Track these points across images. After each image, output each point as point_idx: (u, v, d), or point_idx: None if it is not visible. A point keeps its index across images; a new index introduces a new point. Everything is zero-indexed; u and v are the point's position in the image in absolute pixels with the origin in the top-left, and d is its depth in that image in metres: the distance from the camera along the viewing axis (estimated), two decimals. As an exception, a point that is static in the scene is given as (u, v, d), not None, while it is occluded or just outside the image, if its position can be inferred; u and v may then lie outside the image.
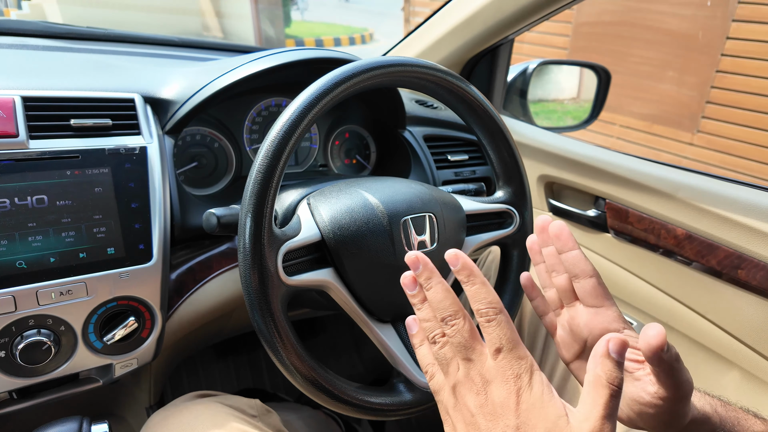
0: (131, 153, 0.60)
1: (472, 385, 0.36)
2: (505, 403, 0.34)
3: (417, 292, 0.41)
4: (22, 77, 0.63)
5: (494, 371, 0.36)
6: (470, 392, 0.37)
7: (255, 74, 0.70)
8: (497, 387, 0.35)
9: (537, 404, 0.34)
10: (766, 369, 0.74)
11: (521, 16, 0.93)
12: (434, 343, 0.39)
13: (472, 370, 0.37)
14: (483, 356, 0.37)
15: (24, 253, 0.53)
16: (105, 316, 0.59)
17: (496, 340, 0.36)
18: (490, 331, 0.36)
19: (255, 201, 0.46)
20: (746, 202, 0.73)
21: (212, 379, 1.27)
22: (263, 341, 0.48)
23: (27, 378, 0.57)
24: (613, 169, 0.89)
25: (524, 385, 0.34)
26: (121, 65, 0.76)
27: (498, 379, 0.35)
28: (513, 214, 0.66)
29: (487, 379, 0.36)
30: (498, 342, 0.35)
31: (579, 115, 4.66)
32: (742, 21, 3.09)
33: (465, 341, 0.37)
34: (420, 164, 0.88)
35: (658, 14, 3.65)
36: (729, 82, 3.23)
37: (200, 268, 0.70)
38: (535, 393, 0.34)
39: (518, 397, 0.34)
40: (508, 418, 0.34)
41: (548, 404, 0.34)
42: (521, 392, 0.34)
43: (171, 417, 0.58)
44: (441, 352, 0.39)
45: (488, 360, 0.36)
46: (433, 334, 0.39)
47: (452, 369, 0.38)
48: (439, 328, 0.39)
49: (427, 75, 0.57)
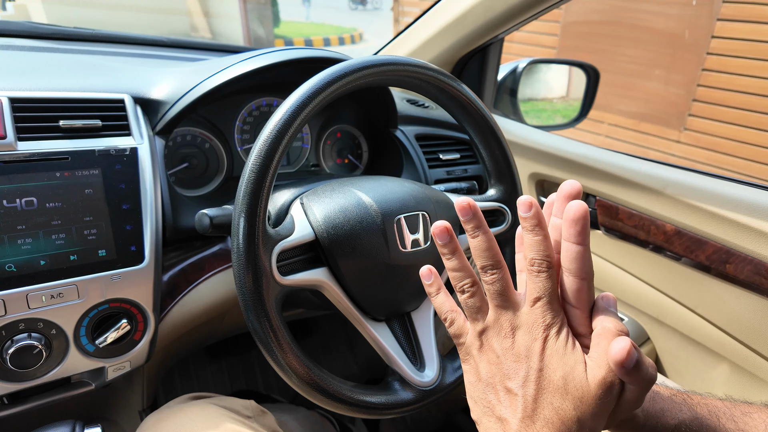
0: (121, 154, 0.59)
1: (500, 330, 0.39)
2: (531, 346, 0.37)
3: (449, 242, 0.41)
4: (9, 78, 0.62)
5: (525, 317, 0.38)
6: (497, 336, 0.39)
7: (246, 74, 0.70)
8: (525, 332, 0.38)
9: (560, 351, 0.36)
10: (755, 362, 0.75)
11: (511, 16, 0.94)
12: (462, 292, 0.41)
13: (503, 316, 0.39)
14: (516, 305, 0.39)
15: (13, 256, 0.53)
16: (97, 318, 0.59)
17: (539, 290, 0.37)
18: (538, 281, 0.37)
19: (248, 201, 0.46)
20: (733, 197, 0.74)
21: (205, 381, 1.27)
22: (258, 342, 0.47)
23: (18, 382, 0.56)
24: (603, 167, 0.90)
25: (552, 334, 0.37)
26: (109, 66, 0.75)
27: (528, 325, 0.38)
28: (505, 212, 0.67)
29: (516, 325, 0.38)
30: (540, 292, 0.37)
31: (568, 113, 4.70)
32: (726, 20, 3.14)
33: (503, 289, 0.39)
34: (412, 163, 0.89)
35: (645, 13, 3.69)
36: (715, 81, 3.28)
37: (192, 269, 0.69)
38: (560, 342, 0.37)
39: (544, 342, 0.37)
40: (533, 360, 0.37)
41: (570, 352, 0.36)
42: (548, 339, 0.37)
43: (165, 419, 0.58)
44: (471, 300, 0.40)
45: (523, 308, 0.38)
46: (463, 283, 0.41)
47: (480, 315, 0.40)
48: (471, 278, 0.41)
49: (418, 74, 0.57)
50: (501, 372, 0.38)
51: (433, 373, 0.57)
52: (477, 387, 0.41)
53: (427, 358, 0.58)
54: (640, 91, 3.81)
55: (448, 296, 0.44)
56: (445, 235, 0.42)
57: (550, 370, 0.36)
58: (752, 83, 3.07)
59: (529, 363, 0.37)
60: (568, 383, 0.35)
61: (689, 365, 0.85)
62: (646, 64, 3.72)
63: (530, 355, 0.37)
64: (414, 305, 0.61)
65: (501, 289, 0.39)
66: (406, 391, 0.55)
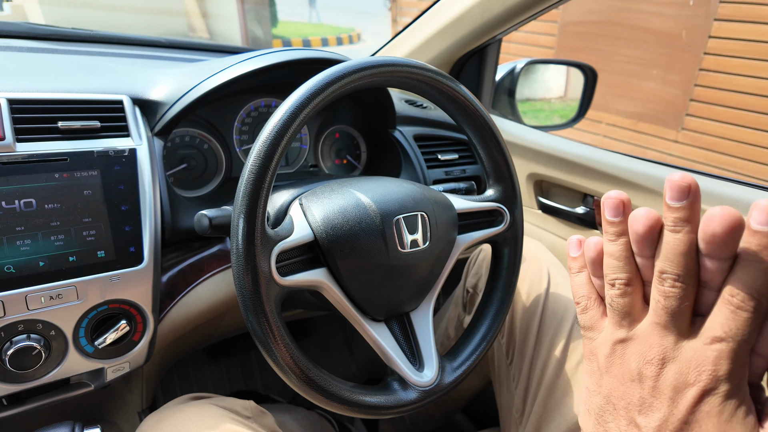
0: (120, 155, 0.60)
1: (647, 352, 0.31)
2: (683, 391, 0.29)
3: (619, 221, 0.33)
4: (7, 79, 0.62)
5: (690, 354, 0.29)
6: (640, 356, 0.31)
7: (244, 75, 0.70)
8: (680, 372, 0.29)
9: (723, 416, 0.28)
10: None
11: (509, 16, 0.94)
12: (613, 286, 0.33)
13: (659, 338, 0.31)
14: (684, 334, 0.30)
15: (12, 258, 0.53)
16: (96, 319, 0.59)
17: (729, 330, 0.28)
18: (731, 317, 0.28)
19: (248, 202, 0.46)
20: (731, 197, 0.75)
21: (204, 382, 1.27)
22: (258, 342, 0.48)
23: (17, 384, 0.56)
24: (601, 167, 0.90)
25: (720, 391, 0.28)
26: (108, 67, 0.75)
27: (689, 365, 0.29)
28: (503, 212, 0.67)
29: (671, 357, 0.30)
30: (729, 332, 0.28)
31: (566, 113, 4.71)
32: (723, 20, 3.14)
33: (677, 309, 0.30)
34: (411, 164, 0.89)
35: (643, 13, 3.70)
36: (712, 80, 3.29)
37: (191, 270, 0.69)
38: (728, 404, 0.28)
39: (702, 395, 0.28)
40: (679, 407, 0.29)
41: (738, 423, 0.28)
42: (709, 394, 0.28)
43: (164, 420, 0.58)
44: (621, 300, 0.33)
45: (693, 342, 0.30)
46: (617, 276, 0.33)
47: (627, 322, 0.33)
48: (627, 273, 0.33)
49: (417, 75, 0.57)
50: (630, 398, 0.31)
51: (432, 373, 0.57)
52: (595, 398, 0.35)
53: (426, 358, 0.58)
54: (637, 91, 3.82)
55: (590, 281, 0.37)
56: (618, 211, 0.33)
57: (698, 430, 0.28)
58: (750, 83, 3.08)
59: (672, 408, 0.29)
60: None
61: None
62: (643, 64, 3.73)
63: (677, 399, 0.29)
64: (413, 305, 0.61)
65: (675, 307, 0.30)
66: (405, 391, 0.55)
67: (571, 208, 0.98)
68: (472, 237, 0.65)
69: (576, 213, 0.96)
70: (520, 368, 0.74)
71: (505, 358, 0.77)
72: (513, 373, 0.75)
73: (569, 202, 1.00)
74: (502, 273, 0.68)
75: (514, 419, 0.73)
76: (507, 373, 0.76)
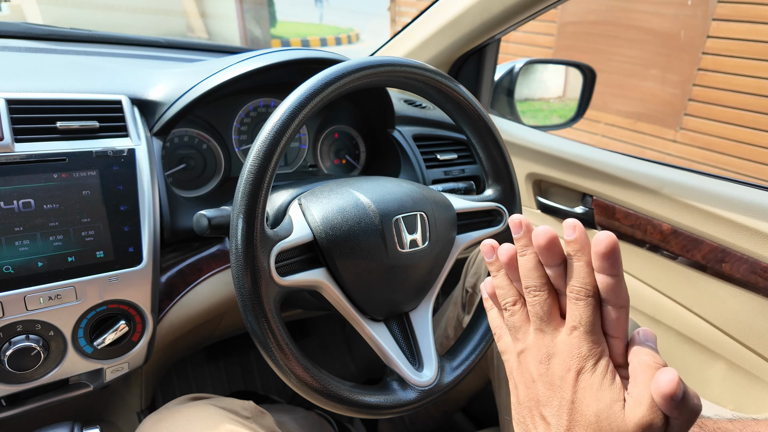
0: (119, 155, 0.59)
1: (537, 354, 0.38)
2: (564, 377, 0.36)
3: (494, 260, 0.42)
4: (6, 79, 0.62)
5: (562, 346, 0.37)
6: (534, 360, 0.38)
7: (243, 75, 0.70)
8: (560, 361, 0.37)
9: (595, 386, 0.35)
10: (751, 360, 0.76)
11: (508, 16, 0.94)
12: (505, 310, 0.41)
13: (541, 340, 0.38)
14: (556, 331, 0.38)
15: (11, 258, 0.53)
16: (95, 320, 0.59)
17: (577, 318, 0.36)
18: (575, 308, 0.36)
19: (247, 202, 0.46)
20: (730, 197, 0.75)
21: (203, 382, 1.27)
22: (257, 342, 0.48)
23: (16, 384, 0.56)
24: (600, 167, 0.90)
25: (588, 367, 0.35)
26: (106, 67, 0.75)
27: (564, 354, 0.36)
28: (502, 212, 0.67)
29: (552, 352, 0.37)
30: (578, 320, 0.36)
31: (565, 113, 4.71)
32: (721, 20, 3.15)
33: (543, 313, 0.38)
34: (410, 163, 0.89)
35: (641, 13, 3.70)
36: (710, 80, 3.29)
37: (190, 270, 0.69)
38: (596, 376, 0.35)
39: (578, 375, 0.35)
40: (565, 391, 0.36)
41: (607, 388, 0.34)
42: (582, 372, 0.35)
43: (163, 420, 0.58)
44: (512, 319, 0.41)
45: (561, 335, 0.37)
46: (506, 301, 0.41)
47: (521, 335, 0.40)
48: (512, 297, 0.41)
49: (416, 75, 0.57)
50: (536, 397, 0.38)
51: (431, 372, 0.57)
52: (517, 408, 0.41)
53: (425, 357, 0.58)
54: (636, 90, 3.82)
55: (500, 313, 0.44)
56: (491, 253, 0.42)
57: (582, 404, 0.35)
58: (748, 83, 3.08)
59: (561, 393, 0.36)
60: (601, 420, 0.33)
61: (686, 363, 0.85)
62: (642, 64, 3.73)
63: (563, 386, 0.36)
64: (412, 305, 0.61)
65: (542, 312, 0.38)
66: (404, 391, 0.55)
67: (570, 208, 0.98)
68: (471, 237, 0.65)
69: (575, 212, 0.97)
70: (519, 368, 0.74)
71: (505, 357, 0.77)
72: (512, 373, 0.75)
73: (568, 202, 1.00)
74: (501, 273, 0.67)
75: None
76: (506, 372, 0.76)
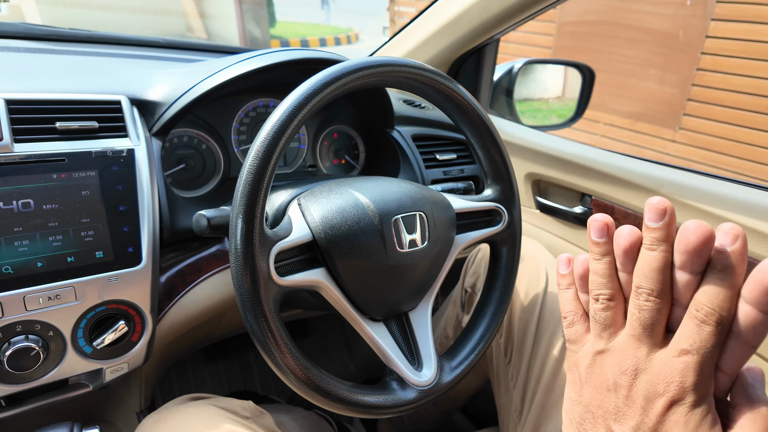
0: (118, 155, 0.59)
1: (623, 363, 0.33)
2: (652, 400, 0.31)
3: (604, 242, 0.35)
4: (5, 80, 0.62)
5: (661, 366, 0.31)
6: (616, 367, 0.33)
7: (242, 75, 0.70)
8: (651, 381, 0.31)
9: (690, 425, 0.29)
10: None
11: (507, 16, 0.94)
12: (596, 301, 0.35)
13: (633, 350, 0.33)
14: (656, 347, 0.32)
15: (10, 258, 0.53)
16: (94, 320, 0.59)
17: (693, 343, 0.30)
18: (696, 331, 0.30)
19: (246, 202, 0.46)
20: (729, 197, 0.75)
21: (203, 383, 1.27)
22: (256, 342, 0.48)
23: (15, 385, 0.56)
24: (599, 167, 0.91)
25: (687, 401, 0.30)
26: (105, 67, 0.75)
27: (660, 375, 0.31)
28: (502, 212, 0.67)
29: (643, 368, 0.32)
30: (694, 346, 0.30)
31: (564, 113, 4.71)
32: (720, 20, 3.15)
33: (651, 323, 0.32)
34: (409, 163, 0.89)
35: (640, 13, 3.71)
36: (709, 80, 3.30)
37: (190, 270, 0.69)
38: (694, 414, 0.29)
39: (671, 405, 0.30)
40: (649, 416, 0.31)
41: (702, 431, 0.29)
42: (678, 404, 0.30)
43: (163, 420, 0.58)
44: (602, 314, 0.35)
45: (662, 353, 0.32)
46: (601, 293, 0.35)
47: (607, 334, 0.35)
48: (610, 290, 0.35)
49: (415, 75, 0.57)
50: (608, 407, 0.33)
51: (431, 372, 0.57)
52: (575, 407, 0.36)
53: (424, 357, 0.58)
54: (635, 90, 3.83)
55: (578, 297, 0.39)
56: (603, 232, 0.35)
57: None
58: (747, 83, 3.09)
59: (643, 417, 0.31)
60: None
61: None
62: (641, 64, 3.74)
63: (648, 409, 0.31)
64: (411, 305, 0.61)
65: (649, 321, 0.32)
66: (404, 390, 0.55)
67: (569, 208, 0.98)
68: (470, 237, 0.65)
69: (574, 212, 0.97)
70: (518, 367, 0.74)
71: (504, 357, 0.77)
72: (511, 373, 0.75)
73: (567, 202, 1.00)
74: (501, 272, 0.68)
75: (513, 418, 0.73)
76: (505, 372, 0.77)
